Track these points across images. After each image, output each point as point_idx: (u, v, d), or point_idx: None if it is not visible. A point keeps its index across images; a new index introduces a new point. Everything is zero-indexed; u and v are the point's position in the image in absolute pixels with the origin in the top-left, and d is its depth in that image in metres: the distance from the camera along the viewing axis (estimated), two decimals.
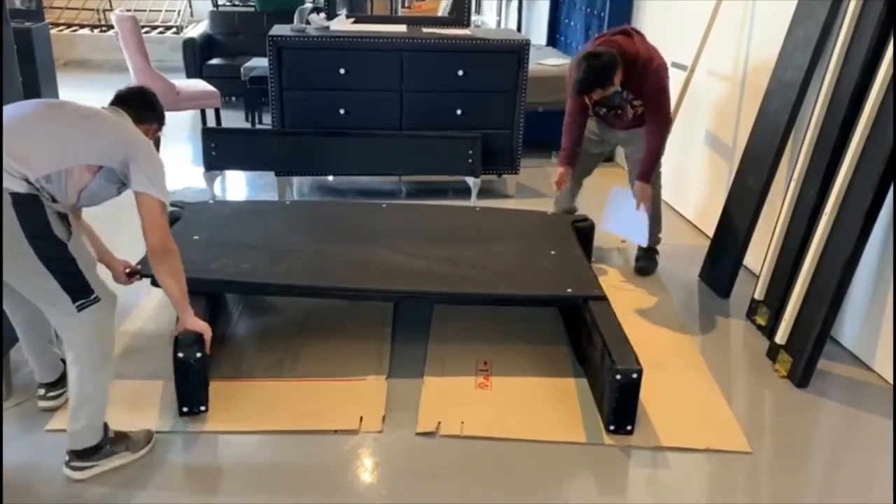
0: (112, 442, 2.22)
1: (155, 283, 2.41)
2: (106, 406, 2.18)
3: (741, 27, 3.80)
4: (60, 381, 2.46)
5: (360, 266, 2.90)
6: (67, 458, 2.18)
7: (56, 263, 1.97)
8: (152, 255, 2.16)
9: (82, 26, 9.57)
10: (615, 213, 3.57)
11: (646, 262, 3.68)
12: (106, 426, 2.21)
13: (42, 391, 2.48)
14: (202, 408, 2.45)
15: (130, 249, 2.37)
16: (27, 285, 2.02)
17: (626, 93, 3.31)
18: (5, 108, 2.07)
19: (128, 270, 2.60)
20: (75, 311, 2.02)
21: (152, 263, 2.19)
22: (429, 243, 3.16)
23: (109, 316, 2.13)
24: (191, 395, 2.42)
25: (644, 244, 3.60)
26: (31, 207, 1.92)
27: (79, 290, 2.02)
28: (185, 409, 2.43)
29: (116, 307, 2.19)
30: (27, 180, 1.93)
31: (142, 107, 2.32)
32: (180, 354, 2.35)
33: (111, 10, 9.08)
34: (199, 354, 2.35)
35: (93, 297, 2.05)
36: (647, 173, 3.39)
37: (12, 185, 1.91)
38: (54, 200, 2.00)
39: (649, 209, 3.46)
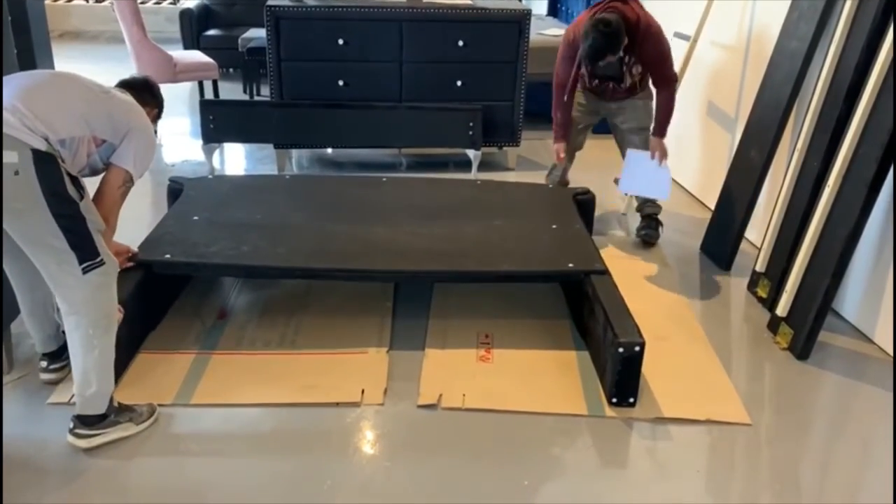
0: (116, 412, 2.24)
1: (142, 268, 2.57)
2: (112, 370, 2.20)
3: None
4: (62, 353, 2.46)
5: (360, 245, 2.89)
6: (72, 424, 2.19)
7: (68, 221, 2.01)
8: (102, 215, 2.18)
9: None
10: (633, 175, 3.57)
11: (648, 230, 3.67)
12: (112, 396, 2.22)
13: (44, 363, 2.48)
14: None
15: (133, 233, 2.37)
16: (37, 244, 2.03)
17: (629, 58, 3.31)
18: (17, 75, 2.16)
19: (129, 255, 2.63)
20: (80, 272, 2.04)
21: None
22: (429, 219, 3.14)
23: (112, 280, 2.16)
24: None
25: (666, 198, 3.57)
26: (49, 165, 1.98)
27: (86, 250, 2.05)
28: None
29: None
30: (47, 140, 2.00)
31: (145, 93, 2.43)
32: None
33: None
34: None
35: (98, 259, 2.08)
36: (664, 129, 3.45)
37: (33, 142, 1.96)
38: (63, 162, 2.05)
39: (665, 158, 3.48)
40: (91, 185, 2.21)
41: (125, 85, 2.41)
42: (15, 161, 1.92)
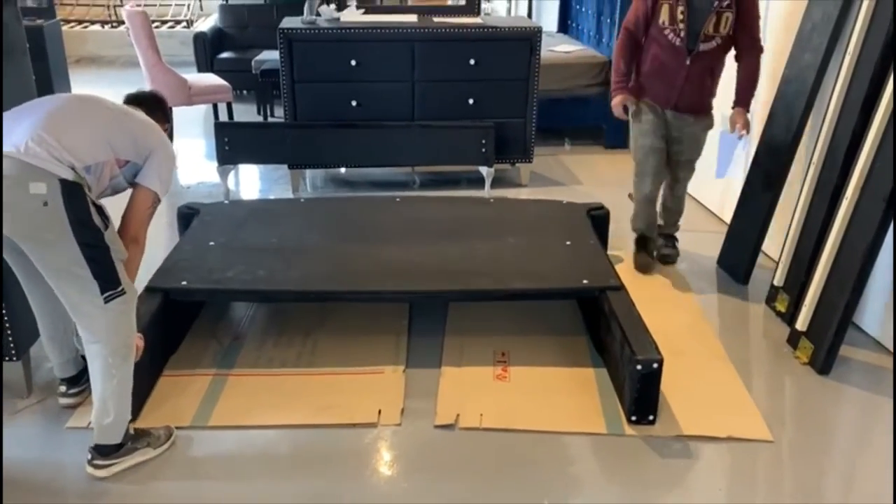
0: (133, 439, 2.24)
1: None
2: (130, 399, 2.20)
3: None
4: (80, 378, 2.47)
5: (374, 267, 2.89)
6: (90, 455, 2.19)
7: (93, 251, 2.02)
8: (127, 241, 2.20)
9: (93, 22, 9.59)
10: (724, 159, 3.48)
11: (669, 249, 3.62)
12: (128, 426, 2.22)
13: (63, 388, 2.49)
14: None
15: (148, 254, 2.39)
16: (60, 272, 2.04)
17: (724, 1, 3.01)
18: (39, 102, 2.18)
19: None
20: (102, 302, 2.06)
21: (126, 247, 2.20)
22: (442, 239, 3.14)
23: (132, 309, 2.17)
24: None
25: (722, 176, 3.43)
26: (76, 194, 2.00)
27: (109, 279, 2.07)
28: None
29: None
30: (73, 168, 2.01)
31: (157, 110, 2.44)
32: None
33: (122, 5, 9.09)
34: None
35: (119, 289, 2.09)
36: (748, 98, 3.21)
37: (61, 171, 1.98)
38: (89, 189, 2.06)
39: (747, 131, 3.24)
40: (111, 204, 2.22)
41: (135, 101, 2.40)
42: (43, 192, 1.94)
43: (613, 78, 3.28)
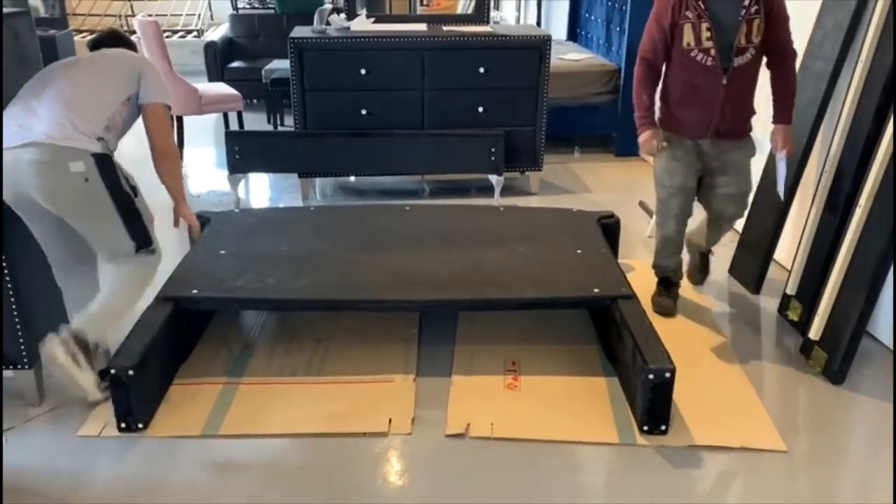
0: (97, 359, 2.43)
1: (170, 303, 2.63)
2: (114, 326, 2.49)
3: None
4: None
5: (384, 276, 2.88)
6: (62, 331, 2.35)
7: (128, 214, 2.36)
8: (160, 156, 2.52)
9: None
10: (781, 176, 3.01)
11: (703, 272, 3.38)
12: (108, 350, 2.48)
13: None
14: (140, 425, 2.39)
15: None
16: (100, 234, 2.37)
17: (752, 3, 2.69)
18: (35, 85, 2.37)
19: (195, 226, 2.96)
20: (133, 252, 2.42)
21: (159, 164, 2.55)
22: (453, 247, 3.14)
23: (154, 267, 2.54)
24: (125, 410, 2.37)
25: (781, 195, 3.03)
26: (107, 165, 2.30)
27: (143, 240, 2.43)
28: (122, 426, 2.38)
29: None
30: (99, 138, 2.29)
31: (119, 44, 2.67)
32: (112, 371, 2.30)
33: (133, 15, 9.16)
34: (130, 372, 2.30)
35: (150, 247, 2.47)
36: (789, 111, 2.86)
37: (91, 146, 2.26)
38: (111, 153, 2.36)
39: (792, 150, 2.93)
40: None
41: (99, 45, 2.62)
42: (82, 169, 2.22)
43: (637, 113, 2.92)
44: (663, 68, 2.88)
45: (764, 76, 2.89)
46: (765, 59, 2.84)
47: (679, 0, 2.73)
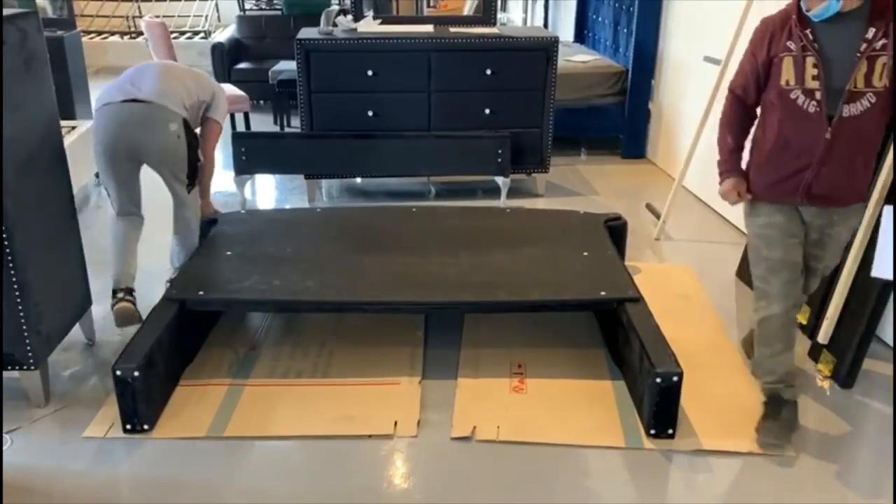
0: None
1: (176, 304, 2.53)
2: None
3: None
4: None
5: (390, 277, 2.88)
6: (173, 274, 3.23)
7: (193, 164, 3.16)
8: (208, 161, 3.39)
9: (113, 33, 9.69)
10: (883, 251, 2.37)
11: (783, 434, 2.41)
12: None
13: (121, 294, 2.97)
14: (145, 426, 2.39)
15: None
16: (176, 177, 3.11)
17: (879, 34, 2.13)
18: (144, 66, 3.20)
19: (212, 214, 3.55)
20: (186, 188, 3.17)
21: (210, 171, 3.46)
22: (459, 249, 3.13)
23: (198, 193, 3.30)
24: (131, 412, 2.37)
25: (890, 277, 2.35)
26: (189, 129, 3.11)
27: (192, 177, 3.20)
28: (128, 427, 2.38)
29: None
30: (185, 107, 3.09)
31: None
32: (118, 372, 2.31)
33: (141, 16, 9.18)
34: (136, 373, 2.31)
35: (194, 184, 3.23)
36: None
37: (182, 112, 3.06)
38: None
39: None
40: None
41: None
42: (176, 129, 3.01)
43: (720, 156, 2.48)
44: (758, 109, 2.44)
45: None
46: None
47: (780, 27, 2.26)
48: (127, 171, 3.04)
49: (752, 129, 2.49)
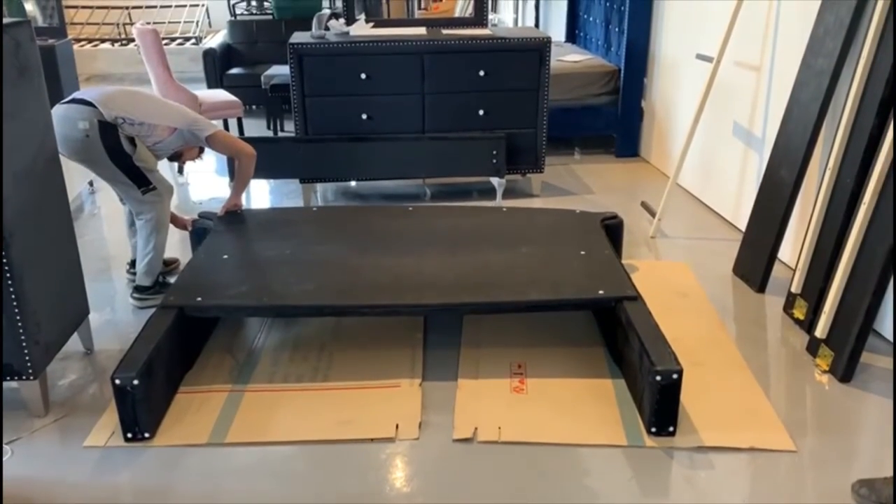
0: (161, 285, 3.25)
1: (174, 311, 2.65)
2: (161, 259, 3.25)
3: (768, 15, 3.73)
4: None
5: (388, 279, 2.87)
6: (133, 292, 3.28)
7: (123, 166, 3.05)
8: (249, 158, 3.39)
9: (103, 41, 9.67)
10: None
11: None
12: (158, 276, 3.25)
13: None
14: (146, 434, 2.38)
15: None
16: (109, 180, 3.11)
17: None
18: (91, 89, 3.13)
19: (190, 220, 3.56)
20: (140, 193, 3.11)
21: (246, 163, 3.40)
22: (456, 249, 3.13)
23: (162, 199, 3.19)
24: (131, 420, 2.37)
25: None
26: (109, 131, 2.99)
27: (141, 181, 3.10)
28: (128, 435, 2.38)
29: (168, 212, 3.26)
30: (116, 117, 3.01)
31: None
32: (117, 381, 2.30)
33: (131, 23, 9.16)
34: (135, 382, 2.30)
35: (151, 186, 3.13)
36: None
37: (107, 114, 2.97)
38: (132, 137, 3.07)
39: None
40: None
41: None
42: (85, 126, 2.93)
43: None
44: None
45: None
46: None
47: None
48: (92, 172, 3.17)
49: None
